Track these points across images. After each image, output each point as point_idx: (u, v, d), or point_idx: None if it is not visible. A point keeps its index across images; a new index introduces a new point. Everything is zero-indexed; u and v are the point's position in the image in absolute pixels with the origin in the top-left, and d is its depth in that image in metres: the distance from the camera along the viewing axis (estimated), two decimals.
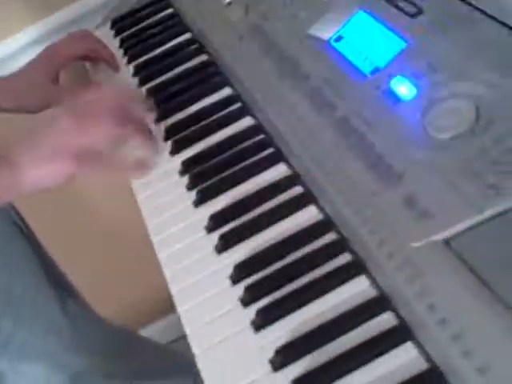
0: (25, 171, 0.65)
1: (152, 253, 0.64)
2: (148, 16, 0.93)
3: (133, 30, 0.92)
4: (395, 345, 0.47)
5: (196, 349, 0.54)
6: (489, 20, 0.58)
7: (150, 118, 0.72)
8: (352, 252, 0.54)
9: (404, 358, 0.47)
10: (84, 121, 0.66)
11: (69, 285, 0.92)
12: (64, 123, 0.66)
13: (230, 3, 0.80)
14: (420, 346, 0.47)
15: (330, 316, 0.51)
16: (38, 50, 0.93)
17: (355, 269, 0.53)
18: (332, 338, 0.50)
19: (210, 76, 0.78)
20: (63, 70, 0.86)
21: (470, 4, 0.60)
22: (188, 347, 0.55)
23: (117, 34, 0.93)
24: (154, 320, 1.42)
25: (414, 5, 0.64)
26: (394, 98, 0.59)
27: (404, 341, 0.47)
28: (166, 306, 0.60)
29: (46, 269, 0.85)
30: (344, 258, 0.54)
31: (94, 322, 0.92)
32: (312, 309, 0.52)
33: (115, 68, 0.87)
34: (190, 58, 0.82)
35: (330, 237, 0.56)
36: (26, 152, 0.66)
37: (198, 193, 0.65)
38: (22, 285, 0.79)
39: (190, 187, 0.66)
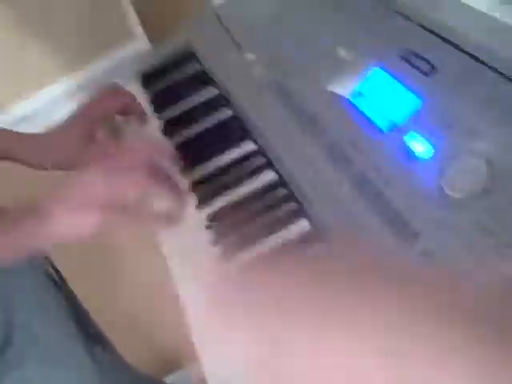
0: (54, 221, 0.67)
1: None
2: (176, 71, 0.96)
3: (161, 84, 0.96)
4: None
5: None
6: (499, 77, 0.61)
7: (176, 170, 0.75)
8: None
9: None
10: (113, 175, 0.69)
11: (99, 333, 0.94)
12: (93, 176, 0.69)
13: (253, 60, 0.84)
14: None
15: None
16: (70, 101, 0.98)
17: None
18: None
19: (234, 130, 0.81)
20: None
21: (481, 61, 0.63)
22: None
23: (146, 88, 0.97)
24: (181, 367, 1.44)
25: (428, 62, 0.67)
26: (411, 155, 0.61)
27: None
28: (193, 354, 0.62)
29: (77, 319, 0.87)
30: None
31: (123, 369, 0.94)
32: None
33: (146, 122, 0.91)
34: (215, 113, 0.85)
35: None
36: (55, 202, 0.68)
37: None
38: (51, 333, 0.81)
39: (214, 241, 0.69)
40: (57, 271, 0.91)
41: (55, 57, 1.14)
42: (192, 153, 0.81)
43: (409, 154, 0.61)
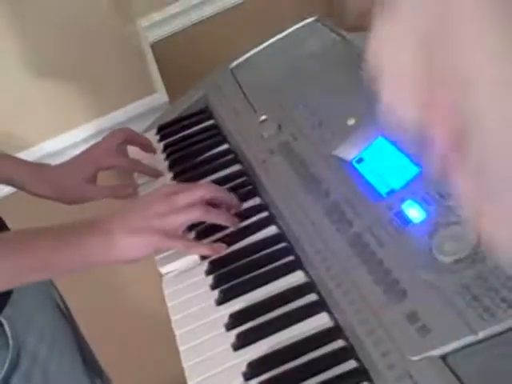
0: (117, 237, 0.69)
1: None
2: (191, 125, 1.01)
3: (176, 137, 1.00)
4: None
5: None
6: None
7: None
8: (357, 360, 0.59)
9: None
10: (179, 199, 0.73)
11: (98, 365, 0.96)
12: (154, 202, 0.73)
13: (264, 121, 0.89)
14: None
15: None
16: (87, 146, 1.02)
17: (359, 376, 0.57)
18: None
19: (241, 185, 0.85)
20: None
21: None
22: None
23: (161, 139, 1.02)
24: None
25: None
26: (405, 219, 0.64)
27: None
28: None
29: (80, 348, 0.89)
30: (349, 365, 0.58)
31: None
32: None
33: (158, 176, 0.95)
34: (225, 168, 0.90)
35: (338, 344, 0.61)
36: (118, 221, 0.71)
37: (220, 292, 0.71)
38: (58, 362, 0.83)
39: (213, 286, 0.72)
40: (62, 299, 0.94)
41: (82, 102, 1.20)
42: None
43: (403, 218, 0.65)
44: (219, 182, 0.86)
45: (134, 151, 0.96)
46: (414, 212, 0.65)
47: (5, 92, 1.17)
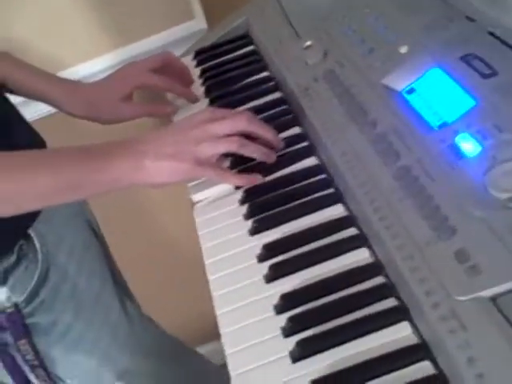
0: (147, 160, 0.66)
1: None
2: (230, 51, 0.97)
3: (214, 62, 0.96)
4: None
5: (233, 371, 0.55)
6: None
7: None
8: (398, 298, 0.55)
9: None
10: (216, 127, 0.69)
11: (127, 286, 0.95)
12: (202, 116, 0.69)
13: (308, 47, 0.83)
14: None
15: (369, 356, 0.51)
16: None
17: (399, 314, 0.53)
18: (368, 379, 0.50)
19: (281, 114, 0.81)
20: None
21: None
22: None
23: (198, 64, 0.97)
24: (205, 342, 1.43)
25: (489, 66, 0.65)
26: (458, 153, 0.59)
27: None
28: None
29: (110, 269, 0.88)
30: (389, 303, 0.55)
31: (150, 325, 0.94)
32: (352, 347, 0.53)
33: (194, 100, 0.90)
34: (264, 95, 0.85)
35: (378, 280, 0.57)
36: (150, 143, 0.68)
37: (254, 222, 0.67)
38: (87, 279, 0.82)
39: (247, 216, 0.69)
40: (96, 222, 0.93)
41: (118, 26, 1.16)
42: None
43: (456, 151, 0.60)
44: (258, 110, 0.82)
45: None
46: (468, 145, 0.59)
47: (41, 12, 1.13)
